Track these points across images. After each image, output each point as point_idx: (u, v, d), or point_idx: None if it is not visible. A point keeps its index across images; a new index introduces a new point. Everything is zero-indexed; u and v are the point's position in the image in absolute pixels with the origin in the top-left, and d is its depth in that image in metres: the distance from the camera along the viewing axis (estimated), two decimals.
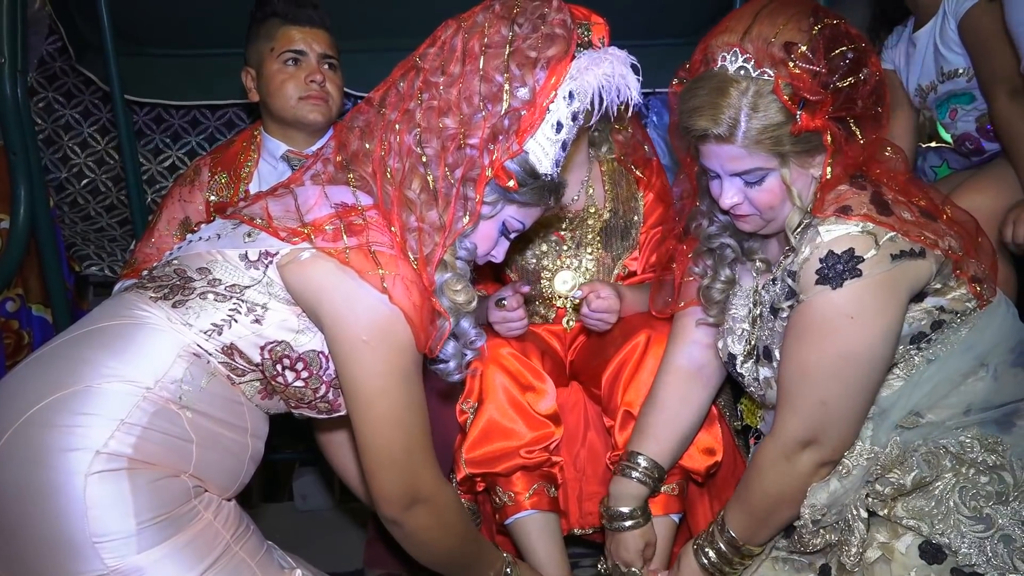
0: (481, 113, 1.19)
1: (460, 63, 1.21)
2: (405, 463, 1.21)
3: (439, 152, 1.19)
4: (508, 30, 1.21)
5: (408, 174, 1.20)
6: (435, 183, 1.19)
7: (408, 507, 1.23)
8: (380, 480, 1.21)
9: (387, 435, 1.19)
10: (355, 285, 1.14)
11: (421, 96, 1.21)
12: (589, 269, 1.80)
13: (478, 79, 1.19)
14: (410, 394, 1.20)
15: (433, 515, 1.26)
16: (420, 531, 1.27)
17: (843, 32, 1.25)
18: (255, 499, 2.63)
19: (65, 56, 2.41)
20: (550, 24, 1.21)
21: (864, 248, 1.22)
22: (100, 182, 2.49)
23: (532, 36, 1.21)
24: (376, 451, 1.20)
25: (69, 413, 1.07)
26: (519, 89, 1.19)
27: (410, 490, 1.22)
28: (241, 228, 1.22)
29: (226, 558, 1.13)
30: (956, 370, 1.32)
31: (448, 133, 1.19)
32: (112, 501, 1.05)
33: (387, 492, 1.22)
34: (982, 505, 1.24)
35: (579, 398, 1.78)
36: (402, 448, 1.20)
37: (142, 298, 1.19)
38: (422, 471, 1.24)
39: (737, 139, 1.25)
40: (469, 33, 1.22)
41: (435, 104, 1.20)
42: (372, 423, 1.19)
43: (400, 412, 1.19)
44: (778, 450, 1.33)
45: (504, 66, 1.19)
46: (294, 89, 1.88)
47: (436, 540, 1.30)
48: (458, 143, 1.19)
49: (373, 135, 1.24)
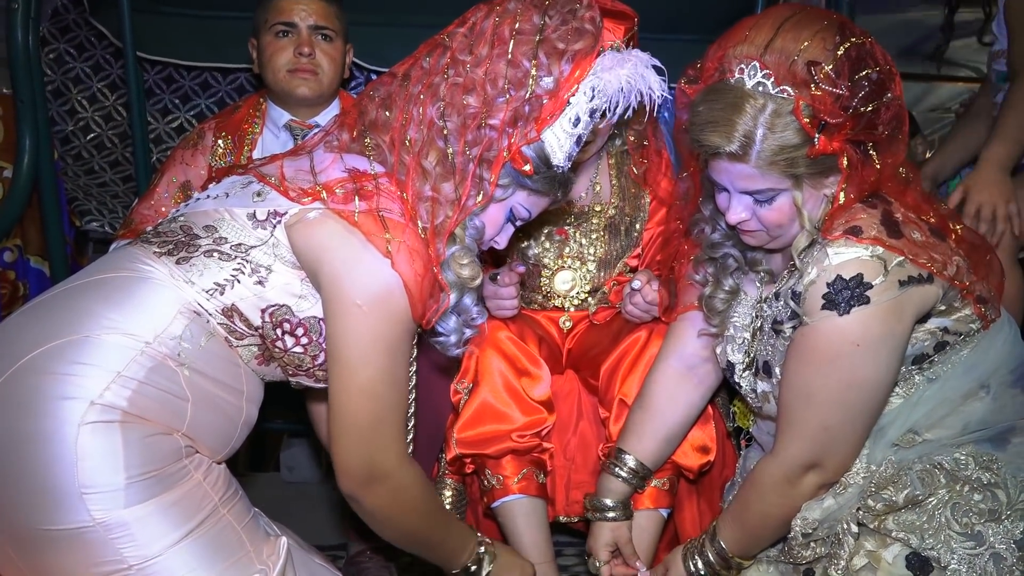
0: (504, 96, 1.19)
1: (489, 45, 1.21)
2: (370, 436, 1.20)
3: (460, 128, 1.19)
4: (539, 19, 1.21)
5: (426, 145, 1.20)
6: (453, 157, 1.20)
7: (366, 483, 1.22)
8: (343, 448, 1.21)
9: (359, 403, 1.19)
10: (359, 247, 1.14)
11: (447, 72, 1.21)
12: (591, 270, 1.78)
13: (505, 63, 1.19)
14: (393, 367, 1.20)
15: (391, 494, 1.25)
16: (379, 509, 1.26)
17: (869, 52, 1.20)
18: (241, 467, 2.62)
19: (79, 8, 2.39)
20: (580, 19, 1.22)
21: (873, 274, 1.20)
22: (106, 138, 2.47)
23: (562, 28, 1.21)
24: (346, 417, 1.19)
25: (66, 362, 1.06)
26: (544, 78, 1.19)
27: (369, 465, 1.21)
28: (251, 187, 1.22)
29: (212, 520, 1.13)
30: (956, 391, 1.32)
31: (470, 111, 1.19)
32: (103, 453, 1.04)
33: (346, 463, 1.21)
34: (974, 522, 1.23)
35: (574, 387, 1.78)
36: (370, 419, 1.20)
37: (146, 252, 1.18)
38: (386, 448, 1.22)
39: (751, 159, 1.20)
40: (501, 18, 1.22)
41: (460, 81, 1.20)
42: (348, 389, 1.18)
43: (378, 383, 1.18)
44: (781, 473, 1.32)
45: (532, 53, 1.19)
46: (283, 61, 1.87)
47: (395, 518, 1.29)
48: (479, 122, 1.19)
49: (395, 104, 1.24)
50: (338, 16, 1.93)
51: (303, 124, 1.94)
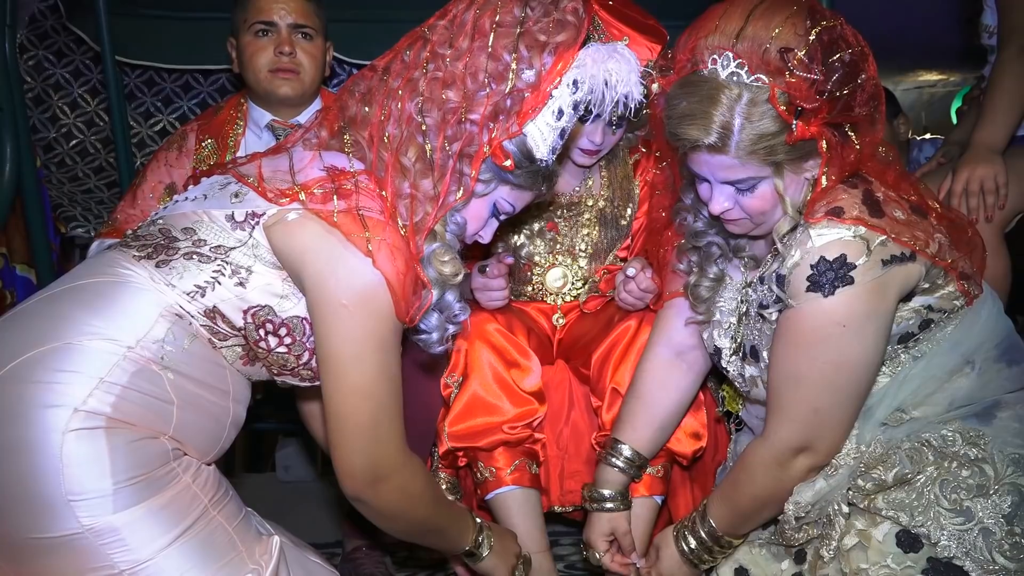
0: (485, 90, 1.18)
1: (469, 38, 1.20)
2: (370, 436, 1.20)
3: (439, 123, 1.18)
4: (520, 11, 1.20)
5: (405, 141, 1.19)
6: (432, 153, 1.19)
7: (372, 483, 1.22)
8: (344, 452, 1.20)
9: (355, 404, 1.18)
10: (340, 248, 1.13)
11: (427, 66, 1.20)
12: (582, 266, 1.78)
13: (485, 56, 1.19)
14: (384, 364, 1.19)
15: (397, 491, 1.25)
16: (386, 506, 1.26)
17: (841, 35, 1.20)
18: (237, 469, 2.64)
19: (56, 14, 2.38)
20: (562, 10, 1.21)
21: (856, 254, 1.20)
22: (89, 143, 2.46)
23: (543, 20, 1.20)
24: (343, 420, 1.19)
25: (49, 369, 1.06)
26: (525, 71, 1.18)
27: (374, 465, 1.21)
28: (229, 188, 1.21)
29: (203, 522, 1.12)
30: (942, 368, 1.32)
31: (450, 106, 1.18)
32: (89, 460, 1.04)
33: (349, 466, 1.21)
34: (962, 498, 1.24)
35: (564, 377, 1.78)
36: (369, 419, 1.19)
37: (125, 256, 1.17)
38: (388, 446, 1.22)
39: (730, 150, 1.20)
40: (481, 10, 1.21)
41: (440, 76, 1.19)
42: (342, 390, 1.18)
43: (371, 382, 1.18)
44: (771, 456, 1.32)
45: (513, 46, 1.18)
46: (264, 61, 1.86)
47: (403, 513, 1.29)
48: (459, 117, 1.18)
49: (374, 100, 1.23)
50: (317, 13, 1.92)
51: (285, 124, 1.94)
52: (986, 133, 1.85)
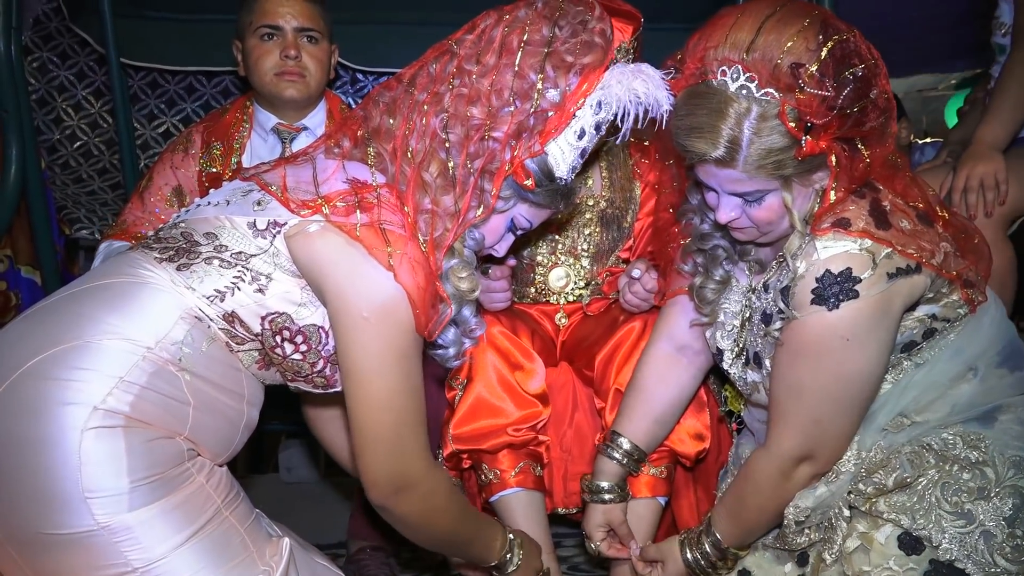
0: (509, 108, 1.18)
1: (496, 55, 1.20)
2: (394, 446, 1.20)
3: (462, 140, 1.18)
4: (549, 31, 1.20)
5: (428, 156, 1.19)
6: (454, 170, 1.19)
7: (396, 492, 1.22)
8: (368, 461, 1.21)
9: (378, 416, 1.19)
10: (361, 260, 1.14)
11: (452, 81, 1.20)
12: (585, 266, 1.79)
13: (512, 74, 1.19)
14: (406, 376, 1.19)
15: (421, 501, 1.25)
16: (410, 515, 1.26)
17: (853, 49, 1.17)
18: (240, 469, 2.63)
19: (60, 16, 2.38)
20: (590, 32, 1.21)
21: (861, 268, 1.20)
22: (93, 145, 2.47)
23: (571, 40, 1.20)
24: (366, 431, 1.19)
25: (68, 367, 1.07)
26: (550, 91, 1.18)
27: (397, 475, 1.22)
28: (251, 195, 1.21)
29: (215, 522, 1.13)
30: (945, 375, 1.33)
31: (474, 123, 1.18)
32: (106, 458, 1.05)
33: (374, 475, 1.21)
34: (964, 501, 1.25)
35: (568, 379, 1.79)
36: (392, 430, 1.20)
37: (147, 258, 1.18)
38: (412, 456, 1.22)
39: (738, 164, 1.19)
40: (510, 27, 1.21)
41: (465, 92, 1.19)
42: (365, 402, 1.18)
43: (394, 393, 1.18)
44: (775, 467, 1.33)
45: (540, 65, 1.18)
46: (270, 64, 1.87)
47: (428, 524, 1.29)
48: (482, 134, 1.18)
49: (398, 112, 1.23)
50: (322, 16, 1.93)
51: (290, 127, 1.94)
52: (988, 131, 1.86)
